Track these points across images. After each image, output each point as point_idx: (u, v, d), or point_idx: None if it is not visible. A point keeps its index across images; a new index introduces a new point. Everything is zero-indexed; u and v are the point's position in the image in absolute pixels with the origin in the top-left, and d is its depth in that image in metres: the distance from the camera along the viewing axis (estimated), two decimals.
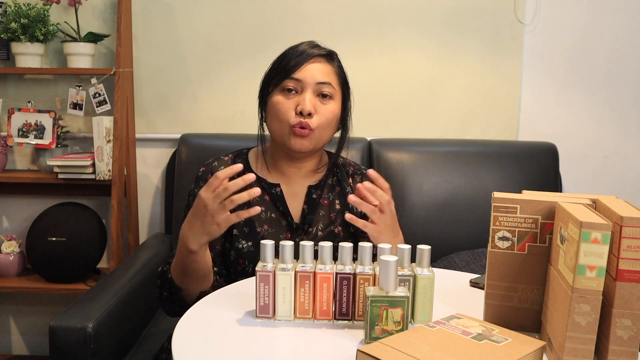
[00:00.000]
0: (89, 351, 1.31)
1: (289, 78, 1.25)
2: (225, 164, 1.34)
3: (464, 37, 2.15)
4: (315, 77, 1.25)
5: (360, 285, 0.94)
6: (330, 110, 1.27)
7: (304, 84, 1.25)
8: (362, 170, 1.42)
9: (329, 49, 1.32)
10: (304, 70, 1.25)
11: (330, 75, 1.28)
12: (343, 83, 1.32)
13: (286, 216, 1.31)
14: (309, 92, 1.25)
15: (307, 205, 1.32)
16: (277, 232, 1.29)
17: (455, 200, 1.95)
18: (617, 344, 0.78)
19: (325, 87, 1.26)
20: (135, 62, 2.16)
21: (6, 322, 2.36)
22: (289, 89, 1.26)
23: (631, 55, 2.19)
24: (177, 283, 1.19)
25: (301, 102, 1.24)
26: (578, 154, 2.24)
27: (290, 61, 1.26)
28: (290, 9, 2.14)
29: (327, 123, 1.27)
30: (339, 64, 1.33)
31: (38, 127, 2.08)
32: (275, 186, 1.32)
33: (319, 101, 1.26)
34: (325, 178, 1.36)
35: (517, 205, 0.90)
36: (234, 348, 0.87)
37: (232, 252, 1.28)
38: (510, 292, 0.93)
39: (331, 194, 1.35)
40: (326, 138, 1.30)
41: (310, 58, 1.26)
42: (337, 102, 1.29)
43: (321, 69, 1.27)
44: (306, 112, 1.23)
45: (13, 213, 2.28)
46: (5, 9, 2.04)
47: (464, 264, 1.77)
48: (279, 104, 1.26)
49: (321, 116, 1.25)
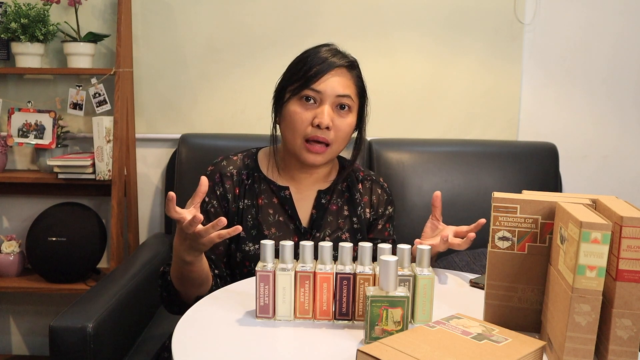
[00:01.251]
0: (89, 351, 1.31)
1: (309, 88, 1.22)
2: (234, 164, 1.32)
3: (464, 37, 2.15)
4: (336, 89, 1.22)
5: (360, 285, 0.94)
6: (347, 124, 1.25)
7: (323, 96, 1.22)
8: (373, 177, 1.40)
9: (351, 57, 1.29)
10: (325, 82, 1.22)
11: (350, 87, 1.25)
12: (361, 92, 1.29)
13: (294, 220, 1.29)
14: (327, 105, 1.22)
15: (315, 209, 1.31)
16: (284, 236, 1.27)
17: (455, 200, 1.95)
18: (617, 344, 0.78)
19: (344, 99, 1.23)
20: (135, 62, 2.16)
21: (6, 322, 2.36)
22: (307, 97, 1.23)
23: (631, 55, 2.19)
24: (176, 287, 1.20)
25: (319, 115, 1.21)
26: (578, 154, 2.24)
27: (311, 69, 1.22)
28: (291, 9, 2.14)
29: (343, 136, 1.25)
30: (358, 72, 1.29)
31: (38, 127, 2.08)
32: (284, 189, 1.31)
33: (336, 114, 1.23)
34: (335, 183, 1.34)
35: (517, 205, 0.90)
36: (234, 348, 0.87)
37: (239, 254, 1.27)
38: (510, 292, 0.93)
39: (340, 199, 1.34)
40: (340, 149, 1.28)
41: (332, 69, 1.23)
42: (354, 113, 1.27)
43: (342, 82, 1.23)
44: (324, 126, 1.21)
45: (13, 213, 2.28)
46: (5, 9, 2.04)
47: (464, 264, 1.77)
48: (295, 113, 1.23)
49: (338, 130, 1.23)
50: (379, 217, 1.36)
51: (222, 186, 1.29)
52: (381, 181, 1.41)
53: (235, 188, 1.29)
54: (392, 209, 1.39)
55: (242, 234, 1.27)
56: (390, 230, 1.38)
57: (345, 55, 1.28)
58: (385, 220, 1.37)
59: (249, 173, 1.32)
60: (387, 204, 1.38)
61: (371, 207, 1.36)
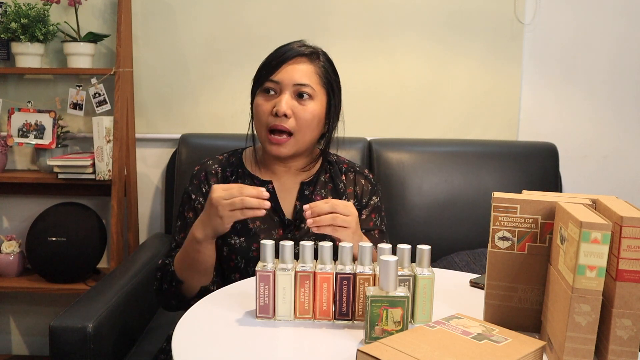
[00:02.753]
0: (89, 351, 1.31)
1: (269, 80, 1.26)
2: (219, 163, 1.36)
3: (464, 37, 2.15)
4: (293, 78, 1.25)
5: (360, 285, 0.94)
6: (309, 111, 1.25)
7: (281, 86, 1.25)
8: (356, 168, 1.41)
9: (315, 47, 1.30)
10: (283, 72, 1.25)
11: (311, 76, 1.26)
12: (327, 82, 1.30)
13: (278, 212, 1.31)
14: (286, 94, 1.25)
15: (299, 201, 1.33)
16: (269, 228, 1.29)
17: (455, 200, 1.95)
18: (617, 344, 0.78)
19: (303, 88, 1.25)
20: (135, 62, 2.16)
21: (6, 322, 2.36)
22: (267, 90, 1.26)
23: (631, 55, 2.19)
24: (178, 275, 1.21)
25: (277, 104, 1.24)
26: (578, 154, 2.24)
27: (272, 62, 1.27)
28: (291, 9, 2.14)
29: (305, 124, 1.26)
30: (324, 63, 1.30)
31: (38, 127, 2.08)
32: (267, 183, 1.33)
33: (297, 102, 1.25)
34: (318, 174, 1.36)
35: (517, 205, 0.90)
36: (234, 348, 0.87)
37: (225, 247, 1.28)
38: (510, 292, 0.93)
39: (324, 190, 1.35)
40: (308, 139, 1.29)
41: (291, 59, 1.26)
42: (319, 102, 1.28)
43: (301, 70, 1.26)
44: (281, 113, 1.23)
45: (13, 213, 2.28)
46: (5, 9, 2.04)
47: (464, 264, 1.77)
48: (258, 106, 1.28)
49: (299, 118, 1.25)
50: (362, 208, 1.37)
51: (208, 183, 1.33)
52: (365, 172, 1.42)
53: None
54: (377, 199, 1.39)
55: None
56: (378, 220, 1.39)
57: (308, 46, 1.30)
58: (370, 211, 1.38)
59: (233, 170, 1.36)
60: (371, 194, 1.39)
61: (355, 198, 1.37)
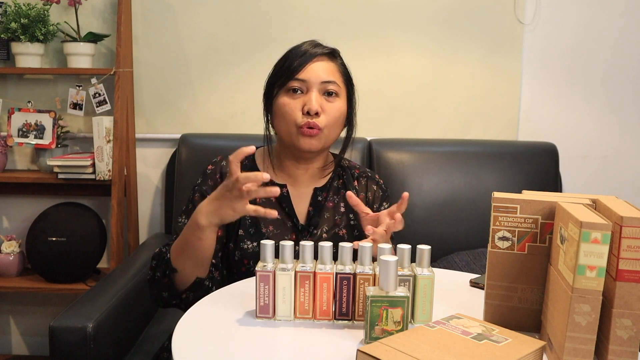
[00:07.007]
0: (89, 351, 1.31)
1: (294, 79, 1.25)
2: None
3: (464, 37, 2.15)
4: (320, 76, 1.26)
5: (360, 285, 0.94)
6: (337, 108, 1.27)
7: (309, 84, 1.25)
8: (368, 174, 1.42)
9: (331, 47, 1.32)
10: (308, 70, 1.25)
11: (335, 74, 1.28)
12: (347, 80, 1.32)
13: (291, 217, 1.30)
14: (314, 92, 1.25)
15: (312, 207, 1.32)
16: (282, 234, 1.29)
17: (455, 200, 1.95)
18: (617, 344, 0.78)
19: (330, 86, 1.26)
20: (135, 62, 2.16)
21: (6, 322, 2.36)
22: (294, 89, 1.26)
23: (631, 55, 2.19)
24: (173, 263, 1.16)
25: (308, 102, 1.24)
26: (578, 154, 2.24)
27: (294, 62, 1.26)
28: (291, 9, 2.14)
29: (334, 121, 1.27)
30: (341, 61, 1.33)
31: (38, 127, 2.08)
32: (281, 187, 1.32)
33: (325, 100, 1.26)
34: (331, 180, 1.36)
35: (517, 205, 0.90)
36: (234, 348, 0.87)
37: (237, 252, 1.27)
38: (510, 292, 0.93)
39: (336, 196, 1.35)
40: (334, 136, 1.30)
41: (314, 57, 1.27)
42: (343, 99, 1.30)
43: (325, 68, 1.27)
44: (313, 112, 1.23)
45: (13, 213, 2.28)
46: (5, 9, 2.04)
47: (464, 264, 1.77)
48: (285, 105, 1.26)
49: (328, 115, 1.25)
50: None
51: None
52: (377, 178, 1.43)
53: None
54: (387, 205, 1.39)
55: (241, 232, 1.28)
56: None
57: (325, 46, 1.31)
58: None
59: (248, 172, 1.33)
60: (382, 200, 1.39)
61: (367, 204, 1.36)
